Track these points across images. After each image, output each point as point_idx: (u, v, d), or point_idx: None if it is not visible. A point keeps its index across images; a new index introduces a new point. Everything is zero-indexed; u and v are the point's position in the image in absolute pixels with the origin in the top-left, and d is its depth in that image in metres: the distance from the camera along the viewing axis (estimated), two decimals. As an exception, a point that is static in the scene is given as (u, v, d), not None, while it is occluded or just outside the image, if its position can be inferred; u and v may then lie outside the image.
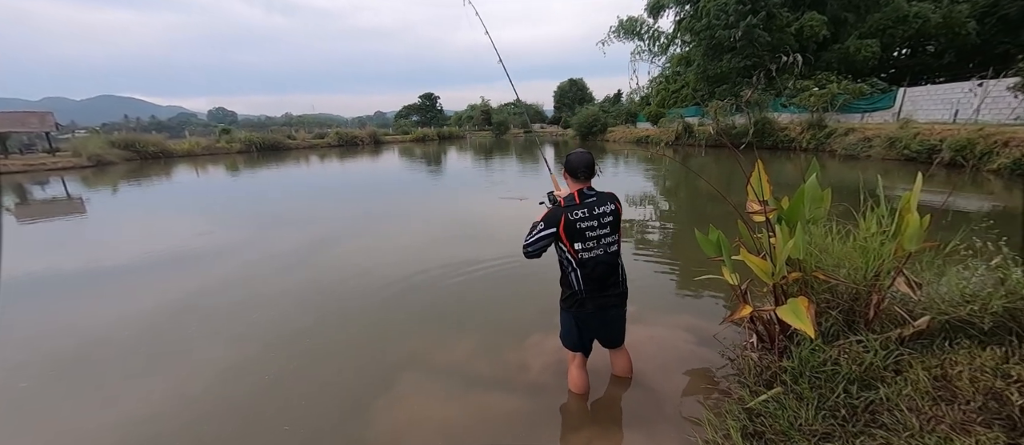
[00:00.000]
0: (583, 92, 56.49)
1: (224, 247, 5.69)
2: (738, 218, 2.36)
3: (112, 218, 8.32)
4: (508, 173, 13.85)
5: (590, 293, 2.04)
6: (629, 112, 36.46)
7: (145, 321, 3.49)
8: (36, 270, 4.91)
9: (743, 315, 2.10)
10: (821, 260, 2.21)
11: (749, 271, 2.20)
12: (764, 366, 2.11)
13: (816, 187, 2.11)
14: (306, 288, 4.12)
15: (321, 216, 7.75)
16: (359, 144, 29.89)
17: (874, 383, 1.76)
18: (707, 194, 9.30)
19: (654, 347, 2.76)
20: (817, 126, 16.20)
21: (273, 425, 2.19)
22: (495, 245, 5.19)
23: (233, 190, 11.95)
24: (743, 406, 1.90)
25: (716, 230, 2.34)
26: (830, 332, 2.06)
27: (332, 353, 2.91)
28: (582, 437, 2.07)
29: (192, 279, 4.43)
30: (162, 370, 2.78)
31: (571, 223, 1.94)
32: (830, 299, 2.16)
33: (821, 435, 1.62)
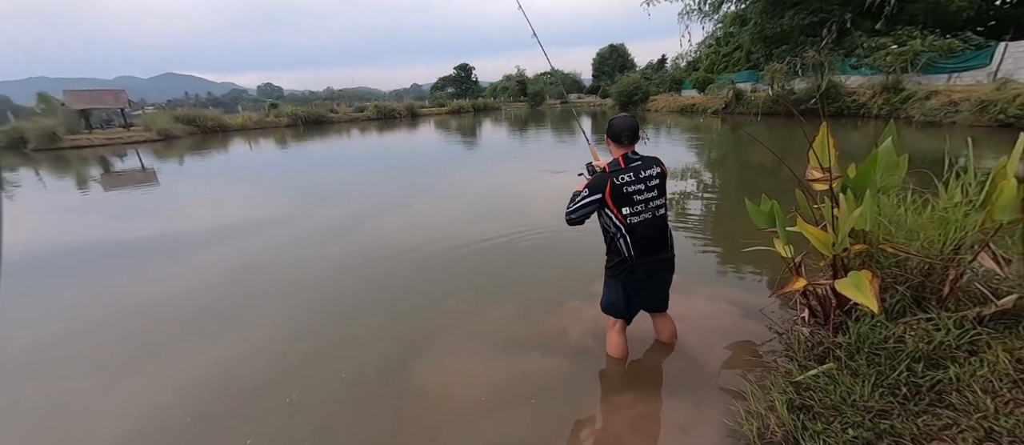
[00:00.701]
0: (624, 59, 53.63)
1: (277, 217, 6.09)
2: (794, 189, 2.20)
3: (181, 188, 9.13)
4: (543, 145, 13.63)
5: (640, 258, 2.00)
6: (674, 79, 34.31)
7: (212, 284, 3.86)
8: (120, 236, 5.54)
9: (796, 288, 1.99)
10: (890, 232, 2.03)
11: (803, 243, 2.08)
12: (816, 341, 2.01)
13: (891, 152, 1.91)
14: (350, 256, 4.35)
15: (363, 188, 8.07)
16: (396, 117, 30.41)
17: (943, 363, 1.63)
18: (757, 165, 8.71)
19: (696, 318, 2.70)
20: (892, 89, 14.48)
21: (329, 379, 2.38)
22: (529, 216, 5.20)
23: (283, 163, 12.66)
24: (791, 380, 1.83)
25: (769, 200, 2.21)
26: (895, 308, 1.91)
27: (376, 317, 3.08)
28: (624, 400, 2.10)
29: (250, 246, 4.81)
30: (229, 328, 3.08)
31: (618, 188, 1.90)
32: (898, 274, 1.99)
33: (877, 411, 1.54)
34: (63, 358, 2.79)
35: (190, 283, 3.85)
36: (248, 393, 2.28)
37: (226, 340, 2.86)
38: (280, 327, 2.97)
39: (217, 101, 63.66)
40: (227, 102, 54.74)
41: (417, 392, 2.22)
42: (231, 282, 3.83)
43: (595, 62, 55.82)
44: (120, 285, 3.92)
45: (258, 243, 4.86)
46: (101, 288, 3.91)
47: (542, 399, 2.11)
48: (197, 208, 7.06)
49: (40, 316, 3.37)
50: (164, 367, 2.60)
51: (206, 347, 2.79)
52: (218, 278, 3.93)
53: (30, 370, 2.69)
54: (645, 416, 2.00)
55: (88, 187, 9.43)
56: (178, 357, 2.70)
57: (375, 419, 2.06)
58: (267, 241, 4.91)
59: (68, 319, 3.29)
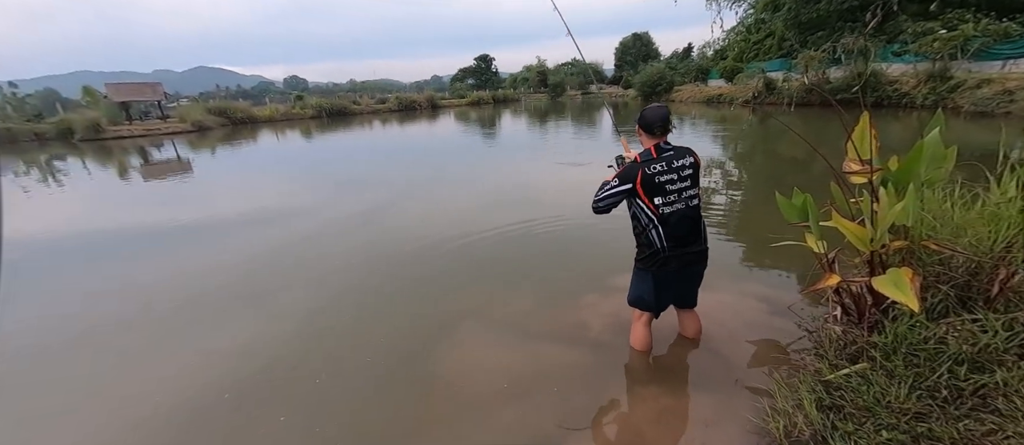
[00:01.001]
0: (648, 48, 52.23)
1: (303, 206, 6.28)
2: (829, 182, 2.11)
3: (214, 178, 9.53)
4: (563, 136, 13.49)
5: (673, 250, 1.95)
6: (700, 68, 33.20)
7: (245, 268, 4.03)
8: (158, 222, 5.85)
9: (829, 285, 1.92)
10: (935, 228, 1.93)
11: (837, 239, 2.00)
12: (849, 340, 1.94)
13: (938, 143, 1.81)
14: (373, 243, 4.45)
15: (385, 179, 8.21)
16: (417, 108, 30.70)
17: (989, 366, 1.55)
18: (788, 158, 8.38)
19: (722, 313, 2.64)
20: (940, 77, 13.56)
21: (354, 363, 2.46)
22: (549, 207, 5.18)
23: (309, 154, 13.02)
24: (820, 378, 1.78)
25: (802, 193, 2.12)
26: (937, 308, 1.82)
27: (399, 303, 3.16)
28: (647, 392, 2.09)
29: (279, 233, 4.98)
30: (261, 311, 3.21)
31: (649, 177, 1.87)
32: (941, 272, 1.89)
33: (914, 414, 1.48)
34: (101, 338, 2.99)
35: (224, 267, 4.04)
36: (279, 373, 2.39)
37: (258, 322, 3.00)
38: (309, 311, 3.09)
39: (246, 93, 65.84)
40: (255, 94, 56.50)
41: (439, 378, 2.27)
42: (262, 267, 4.00)
43: (618, 52, 54.56)
44: (159, 268, 4.15)
45: (287, 230, 5.03)
46: (141, 271, 4.14)
47: (564, 389, 2.12)
48: (229, 197, 7.37)
49: (80, 299, 3.61)
50: (202, 346, 2.75)
51: (240, 328, 2.93)
52: (250, 263, 4.10)
53: (71, 345, 2.89)
54: (667, 409, 1.98)
55: (129, 176, 9.97)
56: (214, 336, 2.85)
57: (398, 402, 2.12)
58: (295, 229, 5.09)
59: (103, 304, 3.51)
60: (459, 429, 1.93)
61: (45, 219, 6.19)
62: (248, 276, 3.83)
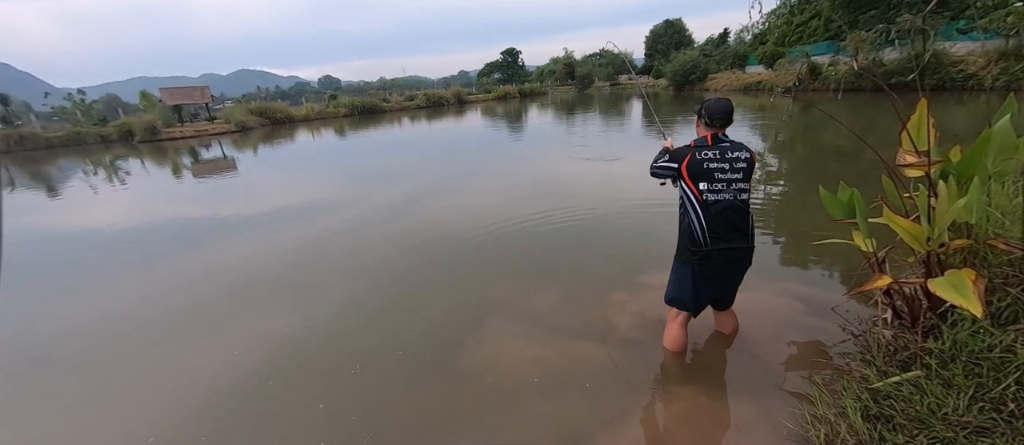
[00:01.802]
0: (681, 35, 50.18)
1: (340, 200, 6.54)
2: (882, 175, 1.96)
3: (256, 176, 10.08)
4: (590, 131, 13.26)
5: (716, 243, 1.89)
6: (737, 54, 31.61)
7: (286, 259, 4.26)
8: (208, 216, 6.25)
9: (879, 286, 1.79)
10: (1003, 225, 1.75)
11: (887, 237, 1.86)
12: (900, 346, 1.81)
13: (1009, 131, 1.64)
14: (404, 237, 4.57)
15: (415, 174, 8.38)
16: (445, 104, 31.07)
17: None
18: (833, 149, 7.86)
19: (760, 313, 2.54)
20: (1015, 56, 12.25)
21: (388, 354, 2.55)
22: (575, 203, 5.14)
23: (343, 151, 13.49)
24: (867, 385, 1.67)
25: (849, 188, 1.99)
26: (1004, 314, 1.66)
27: (431, 294, 3.24)
28: (680, 392, 2.05)
29: (317, 226, 5.23)
30: (302, 300, 3.39)
31: (697, 162, 1.87)
32: (1010, 274, 1.72)
33: (974, 428, 1.37)
34: (164, 320, 3.24)
35: (267, 258, 4.29)
36: (318, 363, 2.52)
37: (302, 310, 3.16)
38: (345, 302, 3.23)
39: (284, 94, 69.00)
40: (292, 95, 59.16)
41: (471, 370, 2.32)
42: (301, 259, 4.22)
43: (648, 40, 52.78)
44: (208, 258, 4.46)
45: (324, 224, 5.27)
46: (193, 261, 4.46)
47: (595, 385, 2.12)
48: (271, 193, 7.77)
49: (143, 285, 3.93)
50: (252, 332, 2.94)
51: (286, 316, 3.10)
52: (290, 254, 4.35)
53: (139, 324, 3.16)
54: (699, 410, 1.93)
55: (182, 175, 10.72)
56: (262, 324, 3.03)
57: (431, 393, 2.18)
58: (331, 222, 5.32)
59: (162, 293, 3.81)
60: (491, 420, 1.97)
61: (108, 216, 6.78)
62: (293, 267, 4.05)
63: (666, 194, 2.43)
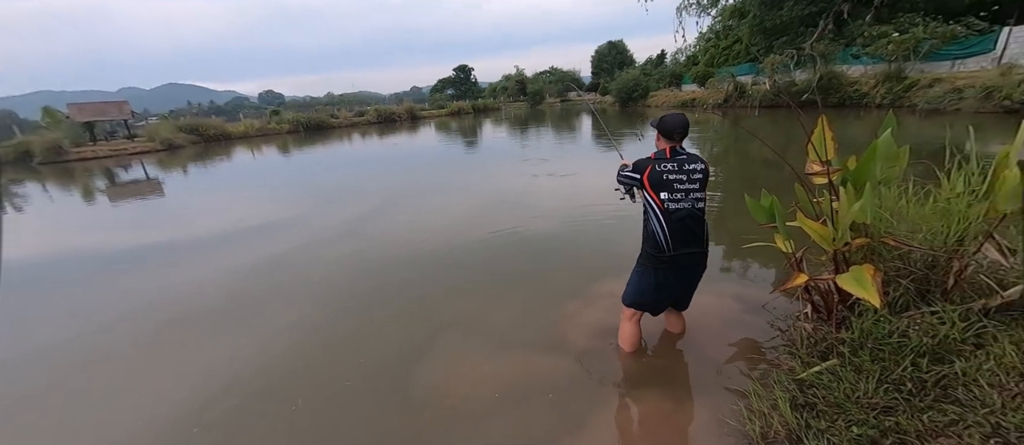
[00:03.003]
0: (623, 55, 53.44)
1: (283, 221, 6.12)
2: (795, 182, 2.18)
3: (186, 197, 9.19)
4: (545, 145, 13.61)
5: (677, 248, 2.01)
6: (673, 74, 34.14)
7: (221, 287, 3.89)
8: (127, 245, 5.58)
9: (797, 284, 1.97)
10: (892, 225, 2.01)
11: (805, 238, 2.06)
12: (819, 337, 1.99)
13: (891, 143, 1.89)
14: (355, 257, 4.37)
15: (366, 191, 8.08)
16: (397, 120, 30.48)
17: (949, 357, 1.61)
18: (759, 159, 8.66)
19: (702, 314, 2.68)
20: (895, 78, 14.35)
21: (336, 382, 2.38)
22: (529, 218, 5.19)
23: (287, 169, 12.72)
24: (793, 377, 1.82)
25: (769, 195, 2.19)
26: (898, 303, 1.89)
27: (382, 316, 3.10)
28: (637, 397, 2.11)
29: (258, 250, 4.84)
30: (237, 331, 3.10)
31: (657, 174, 1.98)
32: (900, 267, 1.97)
33: (881, 409, 1.52)
34: (72, 364, 2.81)
35: (199, 287, 3.89)
36: (255, 398, 2.29)
37: (234, 343, 2.88)
38: (288, 329, 3.00)
39: (219, 109, 64.19)
40: (229, 110, 55.16)
41: (431, 389, 2.23)
42: (240, 285, 3.88)
43: (594, 59, 55.66)
44: (128, 292, 3.95)
45: (266, 247, 4.89)
46: (108, 296, 3.93)
47: (558, 396, 2.13)
48: (203, 216, 7.11)
49: (48, 324, 3.40)
50: (174, 371, 2.62)
51: (216, 350, 2.80)
52: (227, 281, 3.97)
53: (45, 383, 2.71)
54: (654, 414, 1.99)
55: (95, 199, 9.52)
56: (189, 361, 2.72)
57: (389, 418, 2.06)
58: (275, 244, 4.96)
59: (71, 329, 3.32)
60: (454, 439, 1.89)
61: None
62: (224, 294, 3.70)
63: (621, 206, 2.53)
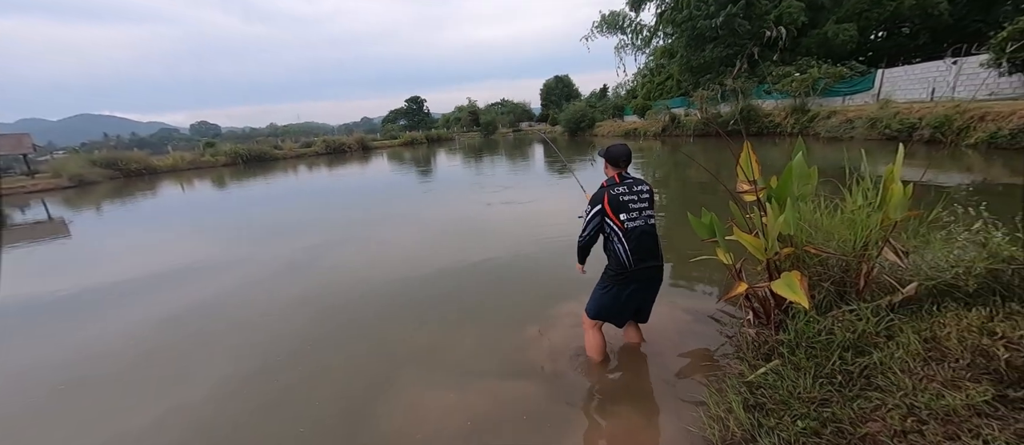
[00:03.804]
0: (569, 88, 56.69)
1: (219, 260, 5.61)
2: (729, 201, 2.41)
3: (99, 239, 8.15)
4: (499, 172, 13.86)
5: (638, 264, 2.16)
6: (616, 106, 36.69)
7: (142, 336, 3.44)
8: (14, 298, 4.80)
9: (739, 292, 2.15)
10: (811, 235, 2.27)
11: (743, 250, 2.26)
12: (762, 341, 2.16)
13: (803, 164, 2.17)
14: (300, 298, 4.05)
15: (314, 225, 7.66)
16: (347, 151, 29.61)
17: (867, 349, 1.82)
18: (696, 183, 9.43)
19: (658, 327, 2.80)
20: (800, 110, 16.50)
21: (285, 435, 2.17)
22: (487, 246, 5.21)
23: (222, 204, 11.78)
24: (743, 380, 1.95)
25: (709, 213, 2.39)
26: (823, 304, 2.12)
27: (335, 359, 2.89)
28: (606, 413, 2.14)
29: (188, 293, 4.37)
30: (163, 385, 2.74)
31: (615, 197, 2.14)
32: (822, 272, 2.22)
33: (819, 401, 1.67)
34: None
35: (108, 344, 3.39)
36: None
37: (153, 407, 2.52)
38: (228, 382, 2.68)
39: (143, 142, 58.65)
40: (155, 143, 50.57)
41: (393, 430, 2.09)
42: (162, 338, 3.42)
43: (543, 92, 58.47)
44: (36, 349, 3.36)
45: (195, 292, 4.41)
46: (9, 352, 3.32)
47: (530, 419, 2.09)
48: (117, 259, 6.31)
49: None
50: (91, 435, 2.23)
51: (127, 419, 2.43)
52: (146, 334, 3.49)
53: None
54: (621, 429, 2.03)
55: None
56: (88, 435, 2.33)
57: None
58: (205, 289, 4.48)
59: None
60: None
61: None
62: (146, 344, 3.26)
63: (577, 230, 2.63)
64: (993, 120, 9.50)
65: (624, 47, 29.48)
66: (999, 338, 1.60)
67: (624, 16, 29.06)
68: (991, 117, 9.60)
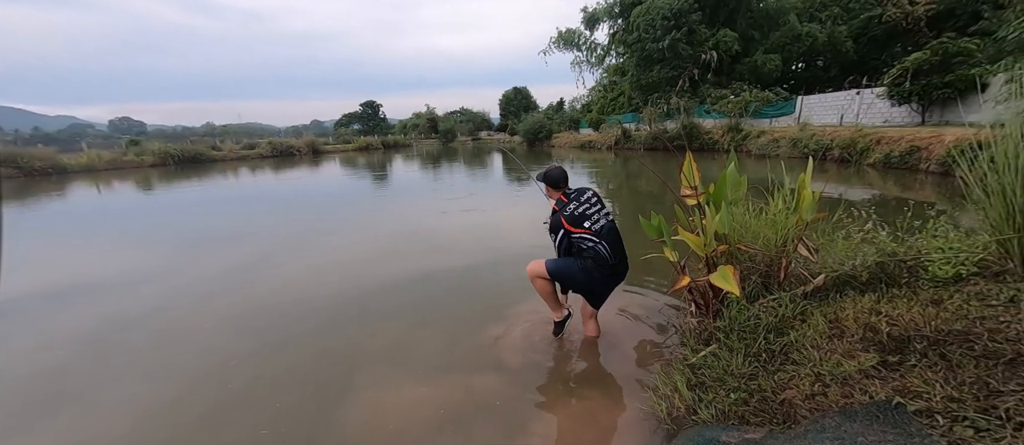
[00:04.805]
0: (528, 100, 57.95)
1: (145, 271, 5.07)
2: (675, 205, 2.69)
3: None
4: (458, 180, 13.87)
5: (614, 256, 2.40)
6: (572, 119, 38.13)
7: (46, 360, 3.06)
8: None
9: (683, 285, 2.39)
10: (742, 234, 2.59)
11: (686, 248, 2.53)
12: (702, 328, 2.42)
13: (735, 173, 2.48)
14: (241, 312, 3.71)
15: (256, 234, 7.13)
16: (296, 154, 28.10)
17: (786, 330, 2.11)
18: (646, 192, 10.08)
19: (616, 319, 3.02)
20: (735, 129, 18.19)
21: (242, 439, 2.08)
22: (443, 251, 5.22)
23: (149, 208, 10.71)
24: (686, 363, 2.18)
25: (657, 215, 2.65)
26: (752, 293, 2.42)
27: (278, 371, 2.73)
28: (569, 398, 2.27)
29: (99, 312, 3.86)
30: (64, 416, 2.49)
31: (570, 214, 2.33)
32: (751, 266, 2.54)
33: (748, 376, 1.92)
34: None
35: (14, 361, 3.00)
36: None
37: (76, 428, 2.29)
38: (151, 407, 2.46)
39: (49, 138, 51.57)
40: (64, 139, 44.68)
41: (360, 424, 2.06)
42: (57, 362, 2.98)
43: (502, 102, 59.25)
44: None
45: (118, 303, 4.01)
46: None
47: (503, 405, 2.18)
48: (13, 270, 5.55)
49: None
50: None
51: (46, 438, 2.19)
52: (60, 352, 3.12)
53: None
54: (584, 411, 2.19)
55: None
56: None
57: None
58: (131, 300, 4.07)
59: None
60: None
61: None
62: (57, 370, 2.90)
63: (538, 236, 2.78)
64: (887, 144, 11.11)
65: (580, 63, 30.90)
66: (883, 316, 1.94)
67: (579, 34, 30.54)
68: (885, 141, 11.23)
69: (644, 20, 21.99)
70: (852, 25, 23.60)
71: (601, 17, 28.08)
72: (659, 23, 21.51)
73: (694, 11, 21.60)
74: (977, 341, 1.62)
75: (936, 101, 12.54)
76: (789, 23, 23.11)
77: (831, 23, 23.80)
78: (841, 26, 23.65)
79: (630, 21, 23.37)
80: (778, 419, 1.63)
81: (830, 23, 23.78)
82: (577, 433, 2.07)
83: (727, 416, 1.74)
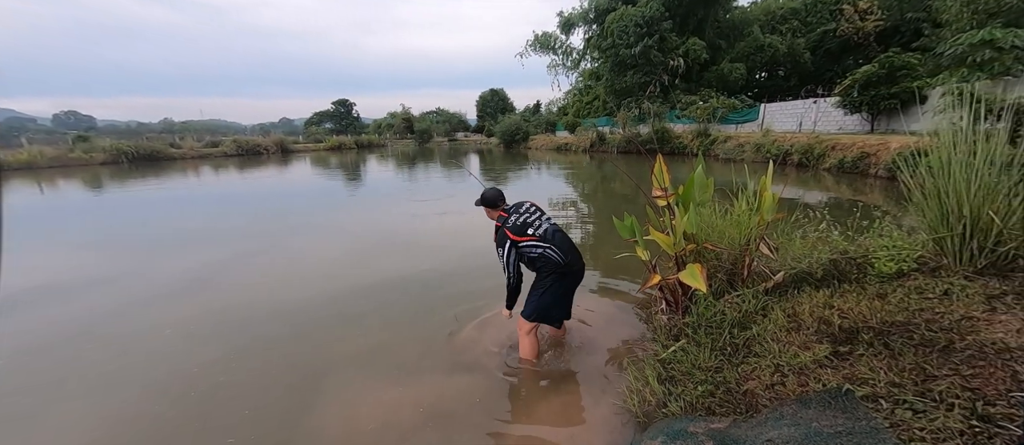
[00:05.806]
0: (504, 102, 58.09)
1: (96, 277, 4.75)
2: (647, 206, 2.78)
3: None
4: (434, 181, 13.73)
5: (566, 256, 2.39)
6: (548, 121, 38.50)
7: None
8: None
9: (654, 283, 2.47)
10: (709, 233, 2.71)
11: (657, 248, 2.62)
12: (672, 324, 2.51)
13: (702, 176, 2.59)
14: (201, 317, 3.54)
15: (216, 235, 6.79)
16: (263, 153, 26.96)
17: (749, 325, 2.23)
18: (620, 195, 10.31)
19: (590, 317, 3.07)
20: (703, 134, 18.91)
21: None
22: (418, 257, 5.12)
23: (99, 208, 10.00)
24: (657, 358, 2.25)
25: (630, 216, 2.73)
26: (718, 290, 2.53)
27: (244, 376, 2.64)
28: (545, 394, 2.30)
29: (45, 318, 3.63)
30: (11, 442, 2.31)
31: (513, 225, 2.36)
32: (717, 264, 2.66)
33: (714, 369, 2.01)
34: None
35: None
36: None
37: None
38: (110, 418, 2.32)
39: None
40: (0, 133, 41.04)
41: (340, 421, 2.01)
42: (24, 368, 2.85)
43: (479, 103, 59.13)
44: None
45: (61, 313, 3.72)
46: None
47: (484, 403, 2.16)
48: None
49: None
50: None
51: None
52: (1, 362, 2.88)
53: None
54: (560, 406, 2.23)
55: None
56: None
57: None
58: (81, 310, 3.79)
59: None
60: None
61: None
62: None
63: None
64: (840, 150, 11.85)
65: (556, 67, 31.28)
66: (835, 310, 2.08)
67: (556, 38, 30.89)
68: (839, 147, 11.98)
69: (618, 26, 22.55)
70: (809, 38, 25.10)
71: (577, 22, 28.54)
72: (632, 30, 22.12)
73: (665, 19, 22.37)
74: (916, 331, 1.77)
75: (883, 111, 13.50)
76: (753, 34, 24.30)
77: (791, 35, 25.22)
78: (800, 38, 25.12)
79: (605, 27, 23.91)
80: (741, 409, 1.72)
81: (790, 35, 25.20)
82: (553, 429, 2.10)
83: (695, 408, 1.82)
